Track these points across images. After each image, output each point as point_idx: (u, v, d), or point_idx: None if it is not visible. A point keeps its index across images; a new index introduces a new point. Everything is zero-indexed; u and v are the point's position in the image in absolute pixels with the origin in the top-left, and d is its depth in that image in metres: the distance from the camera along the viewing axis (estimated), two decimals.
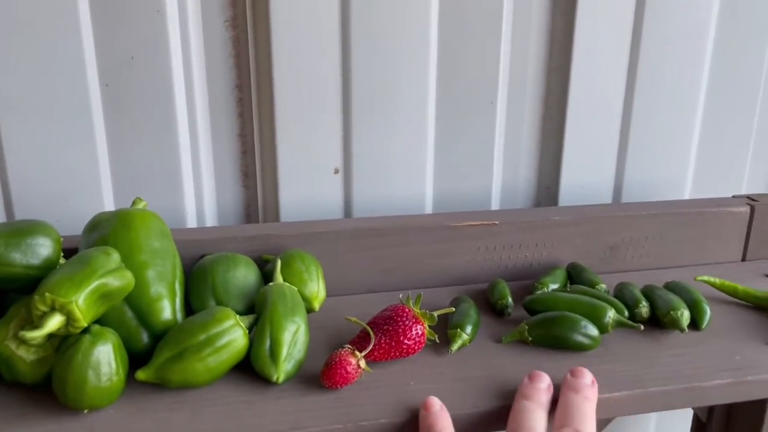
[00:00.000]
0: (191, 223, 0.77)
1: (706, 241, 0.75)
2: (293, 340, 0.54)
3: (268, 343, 0.53)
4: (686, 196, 0.87)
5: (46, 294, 0.47)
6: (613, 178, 0.85)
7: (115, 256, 0.51)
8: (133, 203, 0.62)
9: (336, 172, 0.78)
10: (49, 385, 0.50)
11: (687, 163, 0.85)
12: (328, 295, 0.66)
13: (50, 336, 0.49)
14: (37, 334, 0.47)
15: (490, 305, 0.66)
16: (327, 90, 0.74)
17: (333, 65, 0.73)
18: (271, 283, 0.58)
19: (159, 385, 0.52)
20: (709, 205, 0.75)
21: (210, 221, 0.78)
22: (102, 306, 0.49)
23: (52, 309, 0.47)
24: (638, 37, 0.79)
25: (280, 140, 0.75)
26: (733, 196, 0.78)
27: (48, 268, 0.52)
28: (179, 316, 0.55)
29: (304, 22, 0.71)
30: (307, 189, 0.78)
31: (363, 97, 0.75)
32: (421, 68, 0.75)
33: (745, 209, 0.75)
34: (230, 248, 0.64)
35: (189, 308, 0.58)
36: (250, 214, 0.80)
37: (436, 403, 0.50)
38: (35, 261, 0.53)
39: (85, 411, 0.49)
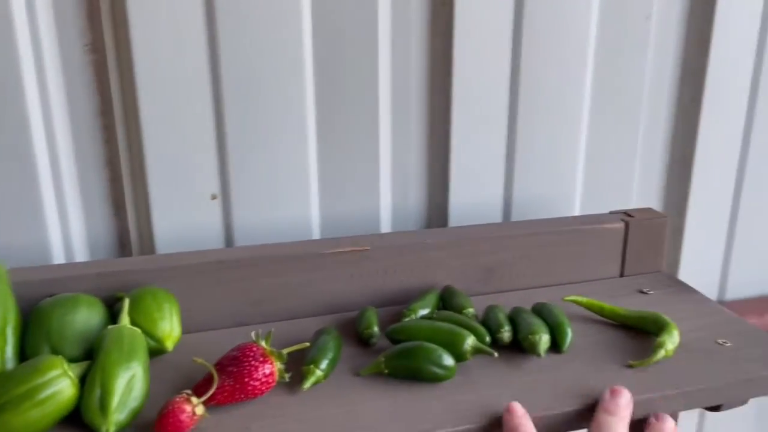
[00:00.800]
0: (59, 258, 0.73)
1: (584, 258, 0.75)
2: (127, 388, 0.51)
3: (98, 392, 0.50)
4: (576, 213, 0.87)
5: None
6: (501, 196, 0.85)
7: None
8: None
9: (214, 197, 0.76)
10: None
11: (574, 180, 0.86)
12: (193, 331, 0.64)
13: None
14: None
15: (356, 336, 0.65)
16: (199, 113, 0.72)
17: (203, 87, 0.71)
18: (109, 326, 0.55)
19: None
20: (585, 222, 0.75)
21: (80, 255, 0.75)
22: None
23: None
24: (518, 53, 0.79)
25: (150, 166, 0.72)
26: (610, 212, 0.79)
27: None
28: (10, 365, 0.52)
29: (170, 45, 0.69)
30: (183, 217, 0.75)
31: (238, 119, 0.73)
32: (299, 89, 0.73)
33: (620, 225, 0.75)
34: (80, 287, 0.61)
35: (24, 356, 0.55)
36: (124, 245, 0.77)
37: (519, 408, 0.52)
38: None
39: None
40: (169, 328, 0.59)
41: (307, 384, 0.56)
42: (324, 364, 0.57)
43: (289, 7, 0.71)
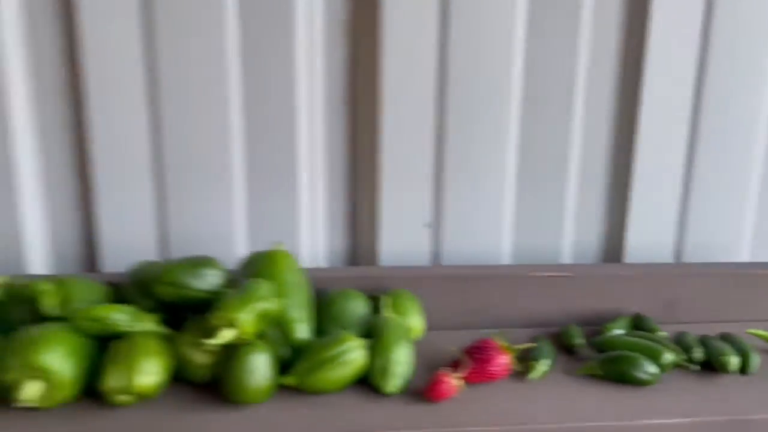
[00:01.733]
0: (306, 264, 0.91)
1: (757, 299, 0.85)
2: (403, 361, 0.67)
3: (382, 361, 0.66)
4: (744, 259, 0.96)
5: (224, 312, 0.62)
6: (673, 241, 0.96)
7: (269, 287, 0.66)
8: (273, 246, 0.77)
9: (427, 226, 0.92)
10: (216, 384, 0.65)
11: (743, 229, 0.95)
12: (429, 329, 0.80)
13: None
14: (214, 343, 0.62)
15: (562, 345, 0.77)
16: (426, 157, 0.88)
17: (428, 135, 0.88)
18: (383, 314, 0.72)
19: (297, 389, 0.66)
20: (759, 268, 0.85)
21: (323, 263, 0.93)
22: (261, 324, 0.64)
23: (227, 324, 0.62)
24: (699, 102, 0.91)
25: (382, 198, 0.89)
26: None
27: (216, 293, 0.68)
28: (312, 335, 0.70)
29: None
30: (401, 239, 0.92)
31: (455, 162, 0.89)
32: (504, 136, 0.88)
33: None
34: (343, 285, 0.78)
35: (318, 331, 0.73)
36: (355, 258, 0.94)
37: None
38: (206, 287, 0.68)
39: (245, 405, 0.63)
40: (417, 321, 0.75)
41: (535, 374, 0.70)
42: (546, 362, 0.71)
43: None
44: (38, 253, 0.83)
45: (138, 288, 0.69)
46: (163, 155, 0.82)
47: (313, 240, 0.91)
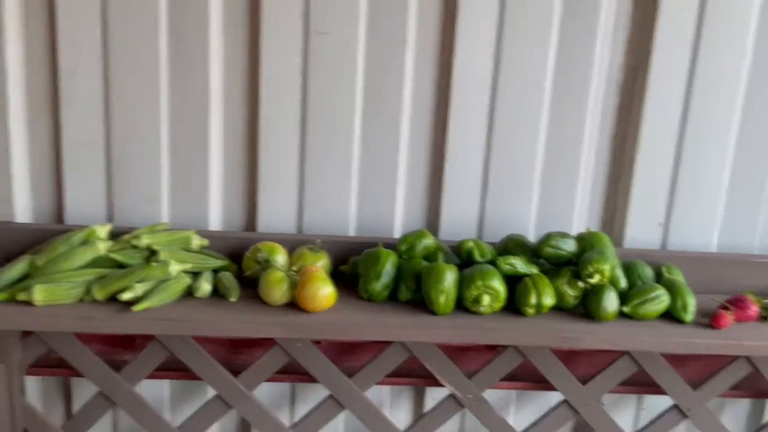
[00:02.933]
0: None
1: None
2: (692, 303, 1.07)
3: (682, 302, 1.07)
4: None
5: (594, 264, 1.03)
6: None
7: (610, 252, 1.07)
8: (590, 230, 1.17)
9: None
10: (580, 308, 1.06)
11: None
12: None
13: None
14: (592, 282, 1.04)
15: None
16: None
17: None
18: (671, 276, 1.12)
19: (630, 315, 1.06)
20: None
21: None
22: (611, 273, 1.05)
23: (594, 272, 1.03)
24: None
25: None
26: None
27: (573, 254, 1.09)
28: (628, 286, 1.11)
29: None
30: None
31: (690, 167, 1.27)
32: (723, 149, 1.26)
33: None
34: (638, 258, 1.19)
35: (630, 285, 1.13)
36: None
37: None
38: (570, 249, 1.09)
39: (600, 323, 1.04)
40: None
41: None
42: None
43: None
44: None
45: (520, 248, 1.11)
46: None
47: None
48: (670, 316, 1.09)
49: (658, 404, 1.25)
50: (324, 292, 1.00)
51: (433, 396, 1.29)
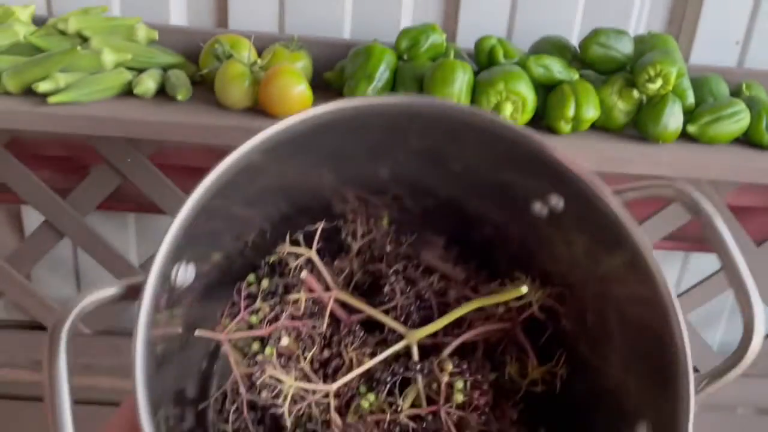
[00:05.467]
0: None
1: None
2: None
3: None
4: None
5: (655, 66, 0.78)
6: None
7: (677, 54, 0.81)
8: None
9: None
10: (633, 126, 0.83)
11: None
12: None
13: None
14: (637, 96, 0.78)
15: None
16: None
17: None
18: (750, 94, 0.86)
19: (694, 138, 0.82)
20: None
21: None
22: (676, 79, 0.80)
23: (654, 76, 0.78)
24: None
25: None
26: None
27: (629, 57, 0.83)
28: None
29: None
30: None
31: None
32: None
33: None
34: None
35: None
36: None
37: None
38: (626, 51, 0.83)
39: (656, 143, 0.80)
40: None
41: None
42: None
43: None
44: None
45: (558, 52, 0.85)
46: None
47: None
48: (747, 143, 0.84)
49: (703, 266, 1.02)
50: (296, 91, 0.77)
51: None
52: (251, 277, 0.47)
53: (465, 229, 0.50)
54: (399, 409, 0.43)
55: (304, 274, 0.45)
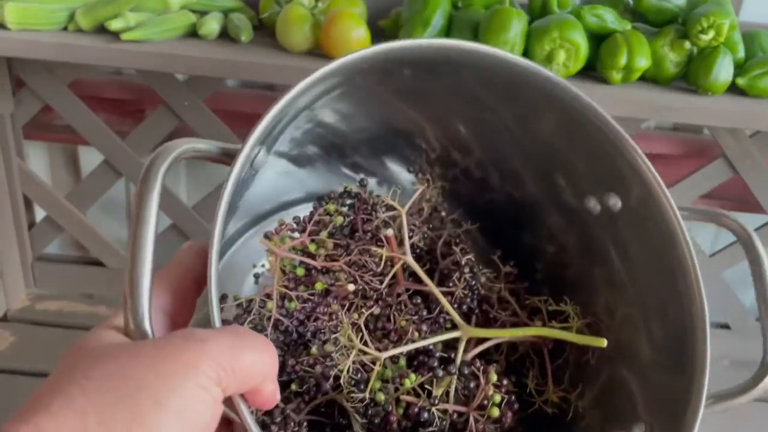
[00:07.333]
0: None
1: None
2: None
3: None
4: None
5: (709, 17, 0.79)
6: None
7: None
8: None
9: None
10: (683, 78, 0.84)
11: None
12: None
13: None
14: (688, 48, 0.80)
15: None
16: None
17: None
18: None
19: (743, 90, 0.83)
20: None
21: None
22: (728, 32, 0.81)
23: (707, 28, 0.79)
24: None
25: None
26: None
27: (681, 8, 0.84)
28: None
29: None
30: None
31: None
32: None
33: None
34: None
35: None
36: None
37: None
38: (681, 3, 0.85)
39: (707, 95, 0.82)
40: None
41: None
42: None
43: None
44: None
45: (611, 3, 0.87)
46: None
47: None
48: None
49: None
50: (357, 34, 0.79)
51: None
52: (331, 206, 0.46)
53: (519, 232, 0.51)
54: (434, 400, 0.41)
55: (389, 231, 0.44)
